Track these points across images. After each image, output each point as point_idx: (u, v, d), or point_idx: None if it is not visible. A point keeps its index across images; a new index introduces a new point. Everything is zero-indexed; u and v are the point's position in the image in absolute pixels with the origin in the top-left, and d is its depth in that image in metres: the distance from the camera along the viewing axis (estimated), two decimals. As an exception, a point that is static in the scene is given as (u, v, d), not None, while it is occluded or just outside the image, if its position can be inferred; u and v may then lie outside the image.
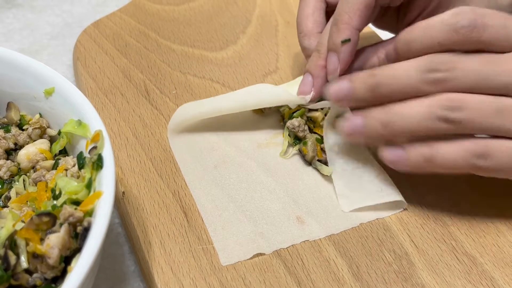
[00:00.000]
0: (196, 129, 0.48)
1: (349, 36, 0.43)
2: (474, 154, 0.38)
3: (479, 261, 0.40)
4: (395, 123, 0.39)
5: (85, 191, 0.35)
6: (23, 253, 0.33)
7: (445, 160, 0.38)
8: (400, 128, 0.39)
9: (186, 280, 0.39)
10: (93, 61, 0.54)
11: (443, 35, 0.38)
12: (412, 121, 0.38)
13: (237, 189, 0.44)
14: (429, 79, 0.38)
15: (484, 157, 0.38)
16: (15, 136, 0.42)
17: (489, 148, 0.38)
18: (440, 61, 0.38)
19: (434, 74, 0.38)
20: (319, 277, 0.39)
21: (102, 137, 0.36)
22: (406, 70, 0.39)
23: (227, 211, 0.42)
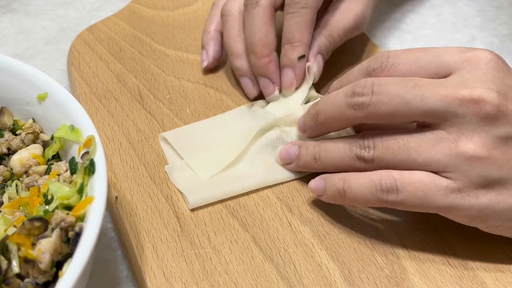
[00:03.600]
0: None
1: (303, 52, 0.48)
2: (382, 189, 0.38)
3: (471, 266, 0.40)
4: (321, 158, 0.42)
5: (76, 196, 0.36)
6: (15, 257, 0.33)
7: (356, 195, 0.39)
8: (326, 163, 0.42)
9: (178, 284, 0.39)
10: (87, 66, 0.54)
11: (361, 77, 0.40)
12: (335, 157, 0.41)
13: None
14: (352, 103, 0.39)
15: (392, 192, 0.38)
16: (8, 141, 0.42)
17: (398, 183, 0.38)
18: (363, 85, 0.39)
19: (356, 98, 0.39)
20: (311, 282, 0.39)
21: (95, 142, 0.37)
22: (336, 95, 0.41)
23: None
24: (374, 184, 0.38)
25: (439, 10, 0.63)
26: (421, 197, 0.37)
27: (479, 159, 0.36)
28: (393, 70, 0.39)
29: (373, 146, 0.39)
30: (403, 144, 0.38)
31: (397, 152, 0.38)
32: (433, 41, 0.60)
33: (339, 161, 0.41)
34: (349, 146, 0.40)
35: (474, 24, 0.61)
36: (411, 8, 0.63)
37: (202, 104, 0.51)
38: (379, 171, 0.38)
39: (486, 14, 0.62)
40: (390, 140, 0.38)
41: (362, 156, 0.39)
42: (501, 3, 0.64)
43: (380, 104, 0.38)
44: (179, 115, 0.50)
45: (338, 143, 0.41)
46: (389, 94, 0.38)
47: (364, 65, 0.41)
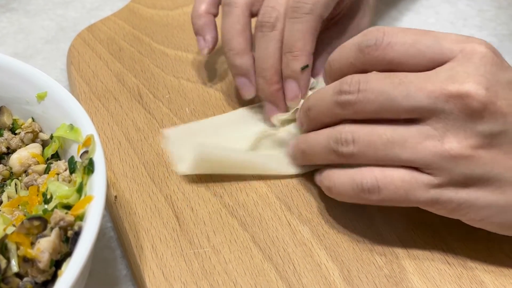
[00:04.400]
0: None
1: (306, 62, 0.45)
2: (364, 189, 0.38)
3: (470, 265, 0.40)
4: (306, 153, 0.42)
5: (76, 195, 0.36)
6: (14, 257, 0.33)
7: (340, 193, 0.39)
8: (310, 158, 0.42)
9: (177, 284, 0.39)
10: (87, 65, 0.54)
11: (353, 55, 0.39)
12: (316, 151, 0.41)
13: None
14: (339, 101, 0.39)
15: (374, 192, 0.38)
16: (7, 140, 0.42)
17: (379, 182, 0.37)
18: (350, 82, 0.38)
19: (343, 96, 0.38)
20: (310, 281, 0.39)
21: (94, 141, 0.37)
22: (326, 91, 0.40)
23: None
24: (356, 183, 0.38)
25: (438, 10, 0.63)
26: (401, 195, 0.37)
27: (463, 158, 0.36)
28: (389, 50, 0.38)
29: (352, 141, 0.38)
30: (387, 139, 0.37)
31: (380, 148, 0.37)
32: (433, 41, 0.59)
33: (320, 156, 0.40)
34: (327, 140, 0.39)
35: (474, 24, 0.61)
36: (410, 8, 0.63)
37: (202, 103, 0.51)
38: (361, 169, 0.38)
39: (486, 14, 0.63)
40: (373, 135, 0.37)
41: (340, 151, 0.38)
42: (501, 3, 0.64)
43: (366, 102, 0.37)
44: (179, 115, 0.50)
45: (319, 136, 0.40)
46: (374, 92, 0.37)
47: (357, 41, 0.39)
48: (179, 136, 0.47)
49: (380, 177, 0.37)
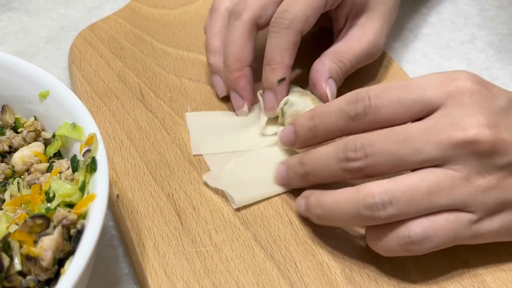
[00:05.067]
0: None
1: (283, 75, 0.46)
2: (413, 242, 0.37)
3: (471, 264, 0.40)
4: (327, 219, 0.40)
5: (78, 194, 0.36)
6: (17, 255, 0.33)
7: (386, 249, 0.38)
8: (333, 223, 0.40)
9: (179, 282, 0.39)
10: (88, 64, 0.54)
11: (342, 124, 0.39)
12: (342, 219, 0.39)
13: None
14: (348, 168, 0.38)
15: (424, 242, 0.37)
16: (9, 139, 0.42)
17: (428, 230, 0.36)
18: (355, 149, 0.37)
19: (351, 163, 0.38)
20: (312, 280, 0.39)
21: (96, 140, 0.37)
22: (327, 158, 0.39)
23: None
24: (403, 237, 0.37)
25: (439, 9, 0.63)
26: (451, 237, 0.37)
27: (492, 189, 0.36)
28: (378, 113, 0.38)
29: (389, 202, 0.36)
30: (425, 192, 0.36)
31: (421, 202, 0.36)
32: (434, 40, 0.60)
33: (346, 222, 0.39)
34: (355, 208, 0.37)
35: (475, 23, 0.62)
36: (411, 7, 0.63)
37: (203, 102, 0.51)
38: (407, 224, 0.37)
39: (487, 13, 0.63)
40: (410, 190, 0.36)
41: (377, 217, 0.36)
42: (501, 2, 0.64)
43: (376, 165, 0.37)
44: (180, 113, 0.50)
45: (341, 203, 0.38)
46: (382, 154, 0.37)
47: (344, 109, 0.39)
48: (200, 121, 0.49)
49: (429, 225, 0.36)
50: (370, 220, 0.37)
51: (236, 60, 0.47)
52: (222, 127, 0.49)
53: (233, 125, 0.49)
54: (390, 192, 0.36)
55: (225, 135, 0.48)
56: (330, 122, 0.40)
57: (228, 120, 0.49)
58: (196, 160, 0.46)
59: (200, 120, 0.49)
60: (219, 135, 0.48)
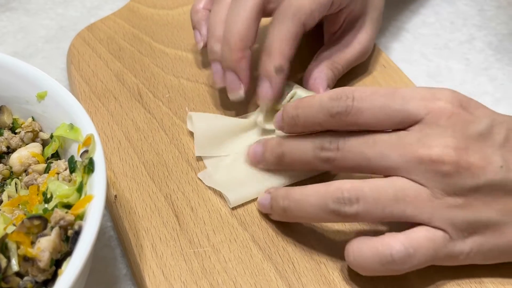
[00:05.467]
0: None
1: (281, 63, 0.45)
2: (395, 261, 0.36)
3: (469, 264, 0.40)
4: (292, 211, 0.40)
5: (76, 194, 0.36)
6: (14, 256, 0.33)
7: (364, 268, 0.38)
8: (296, 217, 0.40)
9: (177, 283, 0.39)
10: (87, 64, 0.54)
11: (322, 118, 0.39)
12: (308, 211, 0.39)
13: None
14: (321, 157, 0.39)
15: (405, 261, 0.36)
16: (7, 140, 0.42)
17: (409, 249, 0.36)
18: (329, 140, 0.39)
19: (324, 152, 0.39)
20: (310, 281, 0.39)
21: (94, 141, 0.37)
22: (305, 144, 0.40)
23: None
24: (384, 255, 0.36)
25: (437, 10, 0.63)
26: (431, 255, 0.37)
27: (459, 208, 0.36)
28: (359, 115, 0.38)
29: (356, 199, 0.37)
30: (393, 195, 0.36)
31: (388, 204, 0.36)
32: (432, 41, 0.60)
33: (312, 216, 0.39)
34: (323, 200, 0.38)
35: (473, 24, 0.61)
36: (409, 7, 0.63)
37: (201, 103, 0.51)
38: (383, 238, 0.37)
39: (486, 14, 0.63)
40: (379, 190, 0.37)
41: (343, 212, 0.37)
42: (501, 2, 0.64)
43: (344, 160, 0.38)
44: (178, 114, 0.50)
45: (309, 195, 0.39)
46: (351, 151, 0.38)
47: (327, 105, 0.39)
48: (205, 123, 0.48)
49: (409, 243, 0.36)
50: (336, 216, 0.37)
51: (240, 39, 0.45)
52: (226, 130, 0.48)
53: (237, 128, 0.48)
54: (359, 189, 0.37)
55: (229, 138, 0.48)
56: (310, 115, 0.40)
57: (232, 122, 0.49)
58: (194, 161, 0.46)
59: (205, 122, 0.48)
60: (223, 139, 0.47)
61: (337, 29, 0.51)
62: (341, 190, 0.37)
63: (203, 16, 0.51)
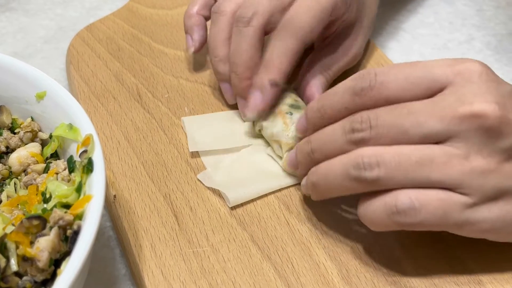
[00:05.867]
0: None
1: (277, 78, 0.45)
2: (399, 211, 0.36)
3: (468, 264, 0.40)
4: (320, 185, 0.39)
5: (75, 194, 0.36)
6: (13, 256, 0.34)
7: (373, 221, 0.38)
8: (325, 191, 0.40)
9: (176, 283, 0.39)
10: (86, 65, 0.54)
11: (348, 99, 0.38)
12: (331, 182, 0.38)
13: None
14: (352, 139, 0.38)
15: (411, 213, 0.36)
16: (6, 140, 0.42)
17: (415, 202, 0.36)
18: (360, 120, 0.37)
19: (356, 134, 0.37)
20: (309, 281, 0.39)
21: (93, 141, 0.37)
22: (334, 132, 0.39)
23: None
24: (390, 206, 0.36)
25: (437, 10, 0.63)
26: (440, 216, 0.36)
27: (491, 172, 0.36)
28: (384, 88, 0.37)
29: (376, 164, 0.36)
30: (416, 160, 0.36)
31: (410, 169, 0.36)
32: (431, 41, 0.60)
33: (337, 187, 0.38)
34: (344, 167, 0.37)
35: (472, 24, 0.62)
36: (408, 8, 0.63)
37: (200, 103, 0.51)
38: (393, 192, 0.36)
39: (484, 14, 0.63)
40: (400, 156, 0.36)
41: (363, 177, 0.36)
42: (499, 2, 0.64)
43: (379, 137, 0.37)
44: (177, 114, 0.50)
45: (333, 164, 0.38)
46: (385, 126, 0.37)
47: (350, 85, 0.39)
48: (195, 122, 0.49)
49: (416, 197, 0.36)
50: (358, 182, 0.37)
51: (246, 68, 0.46)
52: (218, 125, 0.49)
53: (229, 122, 0.49)
54: (379, 155, 0.36)
55: (222, 132, 0.48)
56: (336, 100, 0.39)
57: (224, 117, 0.50)
58: (193, 161, 0.46)
59: (197, 119, 0.49)
60: (216, 132, 0.48)
61: (328, 35, 0.51)
62: (361, 156, 0.36)
63: (196, 22, 0.52)
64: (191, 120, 0.49)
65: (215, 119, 0.50)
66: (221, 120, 0.49)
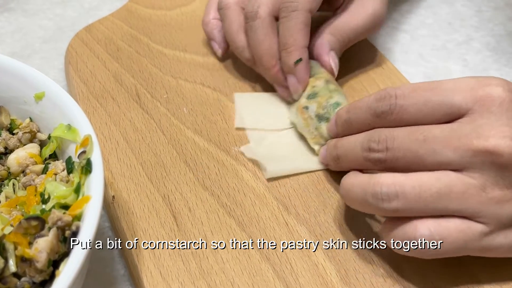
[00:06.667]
0: None
1: (299, 56, 0.48)
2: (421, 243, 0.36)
3: (467, 264, 0.40)
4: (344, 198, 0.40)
5: (73, 195, 0.36)
6: (12, 256, 0.33)
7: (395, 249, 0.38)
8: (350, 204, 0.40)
9: (175, 284, 0.39)
10: (85, 65, 0.54)
11: (370, 118, 0.40)
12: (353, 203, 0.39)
13: None
14: (369, 158, 0.39)
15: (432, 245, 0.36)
16: (5, 140, 0.42)
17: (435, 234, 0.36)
18: (378, 140, 0.38)
19: (372, 154, 0.38)
20: (308, 281, 0.39)
21: (91, 141, 0.37)
22: (355, 145, 0.40)
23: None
24: (410, 238, 0.36)
25: (436, 10, 0.63)
26: (459, 246, 0.36)
27: (507, 201, 0.35)
28: (403, 112, 0.38)
29: (396, 195, 0.36)
30: (436, 192, 0.35)
31: (429, 201, 0.35)
32: (430, 41, 0.60)
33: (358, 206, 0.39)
34: (364, 193, 0.37)
35: (471, 24, 0.62)
36: (408, 8, 0.63)
37: (199, 103, 0.51)
38: (414, 223, 0.36)
39: (483, 14, 0.63)
40: (421, 187, 0.36)
41: (382, 208, 0.36)
42: (498, 3, 0.64)
43: (395, 160, 0.37)
44: (176, 115, 0.50)
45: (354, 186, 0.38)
46: (401, 149, 0.37)
47: (372, 105, 0.39)
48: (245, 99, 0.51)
49: (436, 229, 0.36)
50: (375, 210, 0.37)
51: (270, 57, 0.49)
52: (266, 105, 0.51)
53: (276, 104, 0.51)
54: (399, 185, 0.36)
55: (267, 112, 0.50)
56: (360, 117, 0.41)
57: (272, 98, 0.51)
58: (192, 162, 0.46)
59: (247, 97, 0.52)
60: (262, 112, 0.50)
61: (340, 2, 0.52)
62: (380, 185, 0.36)
63: (214, 26, 0.54)
64: (241, 97, 0.51)
65: (264, 99, 0.52)
66: (269, 101, 0.51)
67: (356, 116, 0.41)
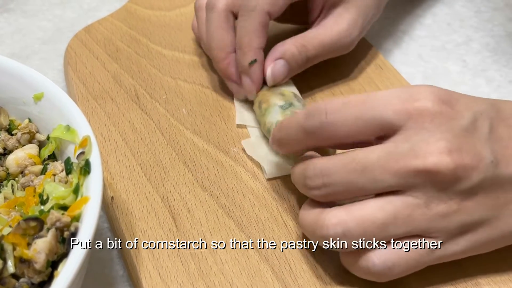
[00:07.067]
0: None
1: (253, 57, 0.47)
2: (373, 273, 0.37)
3: (465, 266, 0.40)
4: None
5: (72, 196, 0.36)
6: (10, 257, 0.33)
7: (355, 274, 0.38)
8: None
9: (174, 285, 0.39)
10: (84, 66, 0.54)
11: (301, 136, 0.38)
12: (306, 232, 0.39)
13: None
14: (311, 195, 0.38)
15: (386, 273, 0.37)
16: (4, 141, 0.42)
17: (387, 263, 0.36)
18: (312, 177, 0.37)
19: (312, 191, 0.37)
20: (307, 282, 0.39)
21: (90, 142, 0.37)
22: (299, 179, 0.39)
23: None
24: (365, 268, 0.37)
25: (435, 11, 0.63)
26: (413, 265, 0.37)
27: (453, 213, 0.36)
28: (335, 130, 0.36)
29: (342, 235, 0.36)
30: (381, 223, 0.35)
31: (376, 233, 0.36)
32: (429, 42, 0.60)
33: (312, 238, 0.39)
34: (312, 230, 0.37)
35: (470, 25, 0.62)
36: (407, 9, 0.63)
37: (199, 104, 0.51)
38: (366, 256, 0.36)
39: (483, 15, 0.63)
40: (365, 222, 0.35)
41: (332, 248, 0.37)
42: (497, 4, 0.64)
43: (334, 194, 0.37)
44: (175, 115, 0.50)
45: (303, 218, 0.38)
46: (340, 184, 0.36)
47: (302, 123, 0.38)
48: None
49: (388, 257, 0.36)
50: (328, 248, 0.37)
51: (219, 50, 0.49)
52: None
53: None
54: (344, 224, 0.36)
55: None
56: (292, 136, 0.39)
57: None
58: (191, 162, 0.46)
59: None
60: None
61: (317, 16, 0.52)
62: (326, 227, 0.36)
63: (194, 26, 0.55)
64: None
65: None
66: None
67: (288, 136, 0.39)
